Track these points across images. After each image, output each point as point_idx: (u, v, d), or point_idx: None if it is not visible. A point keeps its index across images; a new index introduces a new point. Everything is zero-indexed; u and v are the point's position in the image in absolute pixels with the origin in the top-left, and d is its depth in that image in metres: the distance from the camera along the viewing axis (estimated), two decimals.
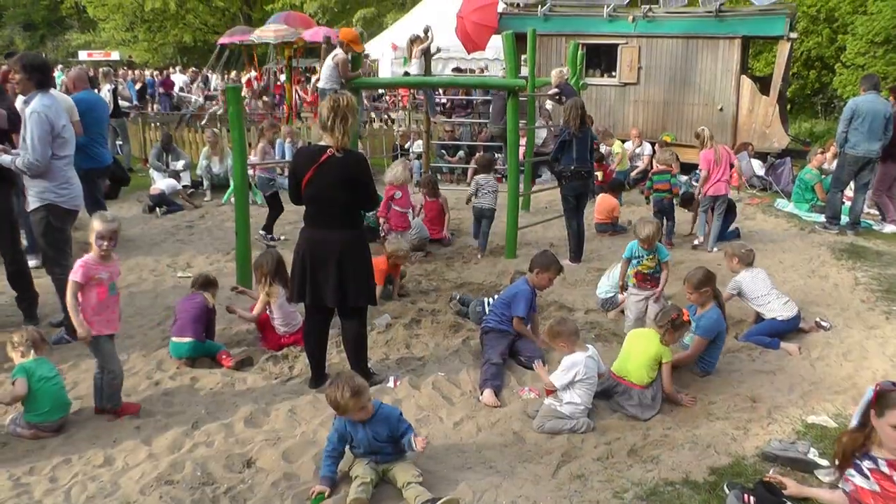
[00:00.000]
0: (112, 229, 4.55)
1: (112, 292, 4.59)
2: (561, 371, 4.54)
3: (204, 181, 12.06)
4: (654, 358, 4.79)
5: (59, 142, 5.58)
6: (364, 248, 4.88)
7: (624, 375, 4.84)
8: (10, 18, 53.60)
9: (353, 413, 3.79)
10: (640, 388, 4.75)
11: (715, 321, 5.31)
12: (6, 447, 4.30)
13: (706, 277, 5.44)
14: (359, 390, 3.76)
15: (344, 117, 4.57)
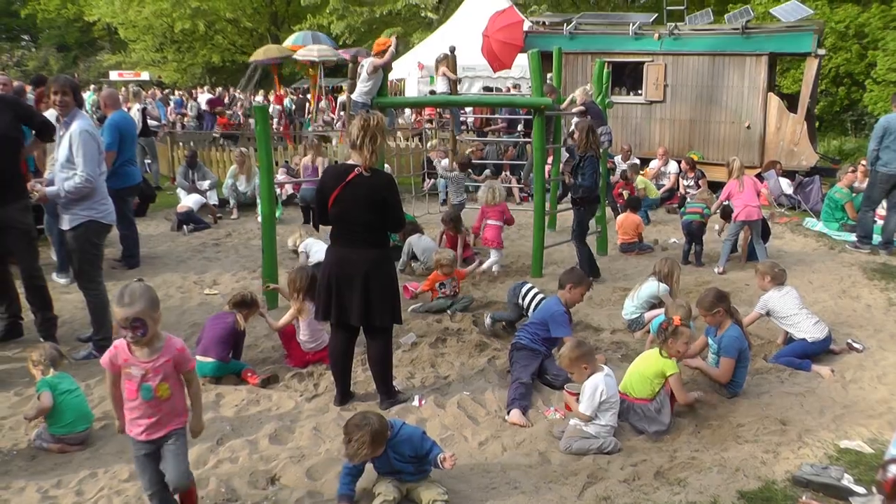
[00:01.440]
0: (130, 315, 3.15)
1: (145, 396, 3.31)
2: (587, 398, 4.47)
3: (230, 200, 12.17)
4: (656, 372, 4.73)
5: (99, 158, 5.74)
6: (390, 267, 4.88)
7: (628, 392, 4.81)
8: (45, 40, 54.76)
9: (369, 456, 3.80)
10: (641, 402, 4.70)
11: (736, 338, 5.22)
12: (35, 461, 4.37)
13: (717, 298, 5.37)
14: (377, 437, 3.74)
15: (373, 136, 4.59)
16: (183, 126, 21.02)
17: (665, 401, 4.71)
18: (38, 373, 4.63)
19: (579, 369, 4.57)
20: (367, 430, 3.69)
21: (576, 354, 4.57)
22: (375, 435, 3.70)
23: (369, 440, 3.68)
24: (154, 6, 36.96)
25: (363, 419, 3.77)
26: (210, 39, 41.08)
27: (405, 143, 16.32)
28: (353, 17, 31.48)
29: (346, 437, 3.76)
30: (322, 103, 20.32)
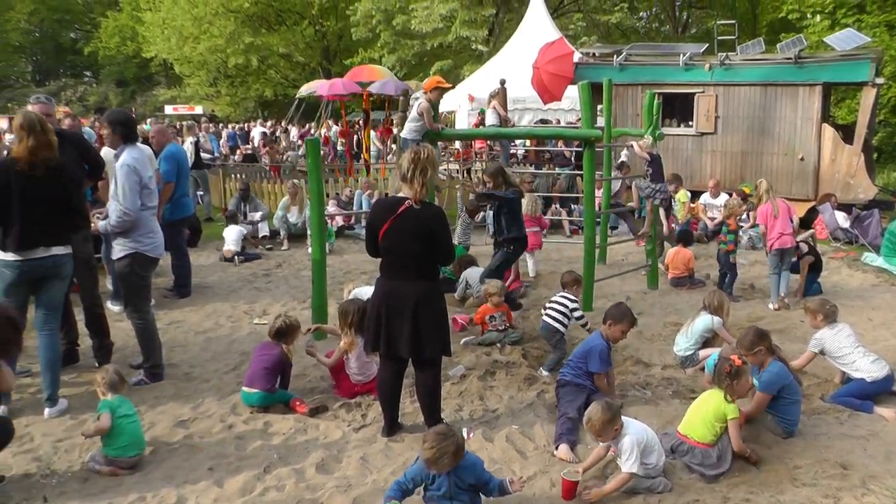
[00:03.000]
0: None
1: None
2: (626, 459, 4.28)
3: (281, 231, 12.34)
4: (717, 416, 4.58)
5: (146, 192, 5.86)
6: (440, 299, 4.88)
7: (688, 434, 4.66)
8: (105, 76, 56.87)
9: (443, 469, 3.81)
10: (703, 447, 4.56)
11: (776, 374, 5.06)
12: (87, 483, 4.49)
13: (757, 337, 5.22)
14: (458, 453, 3.79)
15: (423, 169, 4.63)
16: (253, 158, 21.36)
17: (727, 446, 4.57)
18: (99, 393, 4.79)
19: (609, 432, 4.33)
20: (453, 441, 3.75)
21: (607, 418, 4.29)
22: (459, 448, 3.76)
23: (453, 450, 3.73)
24: (209, 42, 37.94)
25: (449, 429, 3.85)
26: (263, 74, 41.89)
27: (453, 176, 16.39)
28: (403, 51, 31.88)
29: (429, 443, 3.77)
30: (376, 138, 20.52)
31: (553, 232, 13.04)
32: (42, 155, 5.14)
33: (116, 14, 52.66)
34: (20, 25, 58.32)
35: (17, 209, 5.14)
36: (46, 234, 5.27)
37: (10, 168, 5.15)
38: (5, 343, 4.30)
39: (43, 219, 5.23)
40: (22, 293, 5.32)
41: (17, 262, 5.21)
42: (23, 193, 5.14)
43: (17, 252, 5.19)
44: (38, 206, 5.19)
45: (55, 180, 5.28)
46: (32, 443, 5.01)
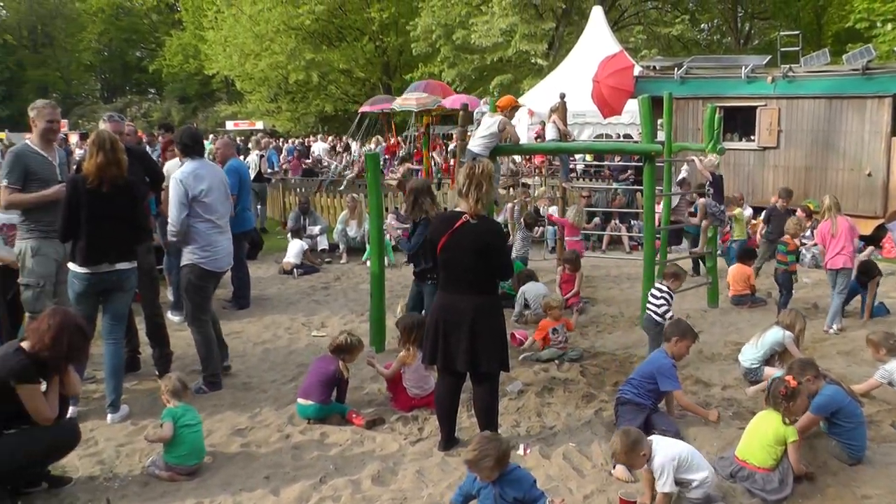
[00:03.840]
0: None
1: None
2: (659, 479, 4.15)
3: (340, 245, 12.46)
4: (777, 439, 4.45)
5: (200, 206, 5.99)
6: (498, 313, 4.86)
7: (746, 458, 4.53)
8: (168, 93, 58.54)
9: (484, 475, 3.79)
10: (763, 472, 4.42)
11: (829, 397, 4.89)
12: (147, 487, 4.62)
13: (804, 366, 5.05)
14: (502, 458, 3.78)
15: (479, 184, 4.67)
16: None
17: (788, 470, 4.44)
18: (163, 400, 4.92)
19: (638, 458, 4.19)
20: (496, 445, 3.77)
21: (628, 445, 4.15)
22: (502, 455, 3.77)
23: (496, 454, 3.74)
24: (270, 59, 38.57)
25: (494, 436, 3.88)
26: (323, 89, 42.42)
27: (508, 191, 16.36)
28: (463, 65, 32.01)
29: (472, 445, 3.82)
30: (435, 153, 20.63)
31: (612, 248, 12.91)
32: (110, 173, 5.30)
33: (180, 33, 54.27)
34: (91, 45, 60.78)
35: (85, 224, 5.31)
36: (112, 250, 5.43)
37: (80, 184, 5.31)
38: (75, 350, 4.44)
39: (109, 234, 5.38)
40: (91, 303, 5.48)
41: (86, 274, 5.38)
42: (91, 209, 5.30)
43: (84, 266, 5.36)
44: (105, 222, 5.35)
45: (123, 197, 5.44)
46: (97, 446, 5.17)
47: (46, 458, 4.52)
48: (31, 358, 4.28)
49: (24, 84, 57.91)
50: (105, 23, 60.24)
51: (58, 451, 4.57)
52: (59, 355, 4.34)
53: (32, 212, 5.75)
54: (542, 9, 30.09)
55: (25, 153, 5.88)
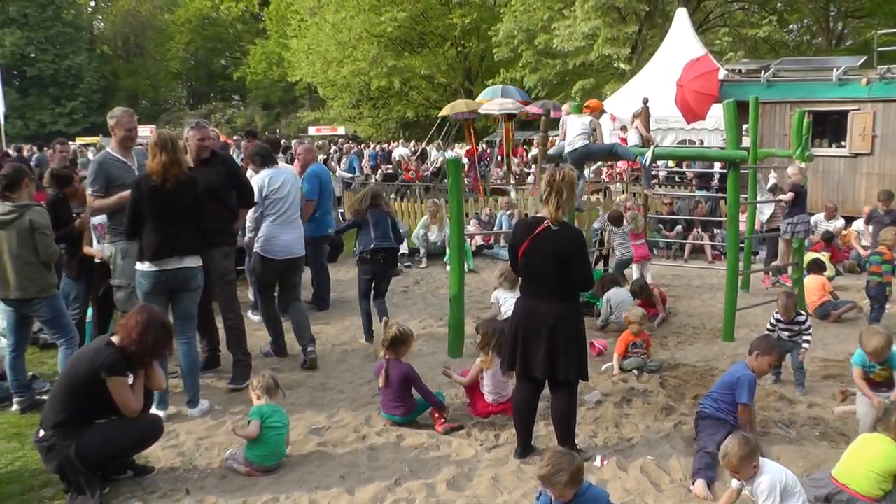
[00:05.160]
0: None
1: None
2: (764, 500, 3.94)
3: (420, 249, 12.54)
4: (889, 470, 4.12)
5: (269, 203, 6.95)
6: (578, 321, 4.82)
7: (847, 482, 4.20)
8: (252, 99, 60.28)
9: (558, 492, 3.71)
10: (868, 501, 4.11)
11: None
12: (224, 480, 4.77)
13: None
14: (576, 475, 3.69)
15: (559, 191, 4.66)
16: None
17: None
18: (254, 398, 5.05)
19: (748, 469, 3.99)
20: (570, 460, 3.70)
21: (745, 453, 3.96)
22: (577, 472, 3.68)
23: (570, 470, 3.66)
24: (352, 66, 39.07)
25: (569, 452, 3.80)
26: (405, 95, 42.81)
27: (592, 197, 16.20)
28: (545, 70, 31.82)
29: (546, 460, 3.75)
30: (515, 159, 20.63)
31: (694, 257, 12.63)
32: (172, 170, 5.46)
33: (264, 42, 55.79)
34: (178, 55, 63.32)
35: (149, 222, 5.51)
36: (178, 246, 5.58)
37: (144, 183, 5.52)
38: (160, 346, 4.64)
39: (174, 231, 5.55)
40: (160, 303, 5.56)
41: (153, 272, 5.56)
42: (155, 206, 5.48)
43: (152, 262, 5.54)
44: (170, 219, 5.52)
45: (186, 194, 5.59)
46: (178, 439, 5.36)
47: (132, 449, 4.74)
48: (119, 352, 4.50)
49: (117, 92, 60.83)
50: (192, 33, 62.71)
51: (142, 442, 4.77)
52: (145, 350, 4.55)
53: (117, 215, 5.94)
54: (625, 12, 29.63)
55: (107, 161, 6.16)
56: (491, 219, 13.87)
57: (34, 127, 53.59)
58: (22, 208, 5.67)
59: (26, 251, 5.64)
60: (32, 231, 5.64)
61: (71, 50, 56.56)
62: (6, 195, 5.69)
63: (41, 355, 7.27)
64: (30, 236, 5.64)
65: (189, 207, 5.63)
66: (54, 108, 55.86)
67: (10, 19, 53.88)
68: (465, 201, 13.10)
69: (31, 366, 6.46)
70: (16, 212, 5.65)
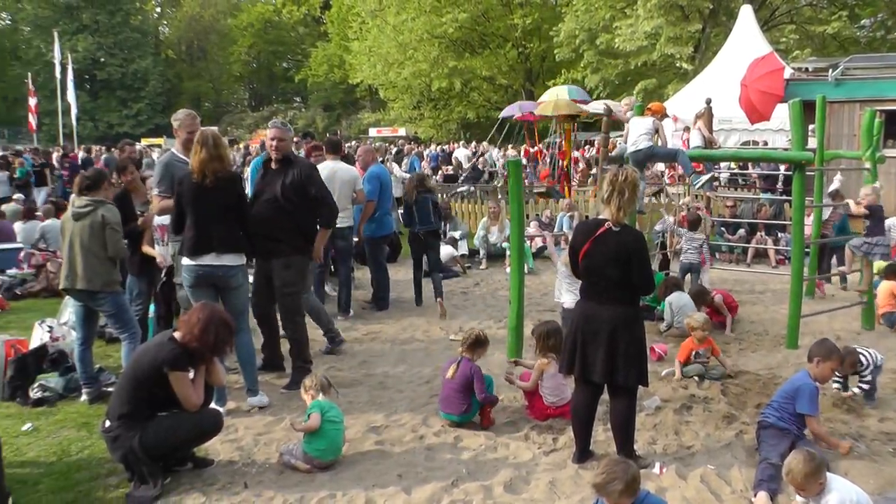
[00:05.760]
0: None
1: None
2: None
3: (480, 250, 12.54)
4: None
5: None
6: (638, 325, 4.77)
7: None
8: (313, 101, 61.19)
9: (613, 501, 3.66)
10: None
11: None
12: (282, 475, 4.85)
13: None
14: (631, 483, 3.63)
15: (621, 191, 4.61)
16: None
17: None
18: (308, 397, 5.12)
19: (813, 486, 3.83)
20: (625, 468, 3.63)
21: (810, 470, 3.79)
22: (632, 480, 3.62)
23: (625, 478, 3.59)
24: (413, 67, 39.30)
25: (625, 460, 3.74)
26: (466, 97, 42.88)
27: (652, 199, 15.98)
28: (607, 70, 31.59)
29: (601, 468, 3.71)
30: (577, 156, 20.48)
31: (757, 261, 12.36)
32: (211, 167, 5.57)
33: (325, 44, 56.54)
34: (241, 58, 64.73)
35: (190, 217, 5.64)
36: (214, 243, 5.67)
37: (185, 179, 5.66)
38: (221, 342, 4.75)
39: (212, 228, 5.65)
40: (209, 297, 5.63)
41: (191, 266, 5.69)
42: (195, 203, 5.61)
43: (191, 257, 5.67)
44: (208, 215, 5.63)
45: (226, 192, 5.68)
46: (237, 434, 5.48)
47: (192, 441, 4.87)
48: (181, 348, 4.64)
49: (181, 94, 62.70)
50: (254, 36, 64.02)
51: (202, 436, 4.90)
52: (206, 347, 4.67)
53: None
54: (688, 10, 29.19)
55: (172, 162, 6.33)
56: (551, 220, 13.81)
57: (103, 128, 55.59)
58: (97, 203, 5.95)
59: (96, 245, 5.89)
60: (104, 226, 5.89)
61: (138, 54, 58.42)
62: (84, 193, 5.99)
63: (107, 349, 7.51)
64: (101, 231, 5.89)
65: (228, 205, 5.70)
66: (121, 110, 57.68)
67: (83, 26, 56.02)
68: (525, 202, 13.06)
69: (97, 359, 6.68)
70: (91, 206, 5.93)
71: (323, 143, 9.03)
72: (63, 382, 6.32)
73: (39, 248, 11.74)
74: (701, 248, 9.49)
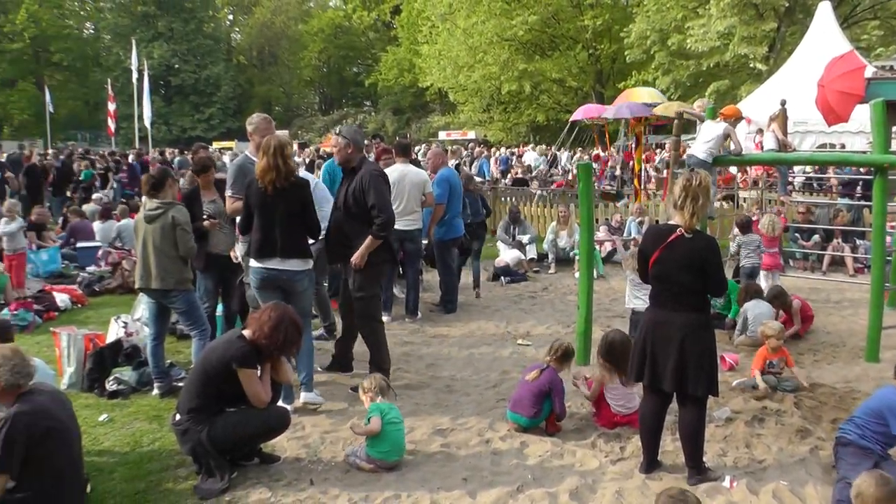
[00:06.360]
0: None
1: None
2: None
3: (549, 254, 12.48)
4: None
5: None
6: (709, 333, 4.68)
7: None
8: (383, 105, 61.80)
9: None
10: None
11: None
12: (348, 474, 4.91)
13: None
14: None
15: (695, 197, 4.52)
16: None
17: None
18: (367, 399, 5.15)
19: None
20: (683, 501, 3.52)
21: (882, 494, 3.49)
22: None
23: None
24: (483, 70, 39.24)
25: (682, 495, 3.58)
26: (535, 99, 42.64)
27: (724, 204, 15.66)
28: (678, 72, 31.03)
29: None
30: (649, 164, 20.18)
31: (833, 269, 11.96)
32: (270, 175, 5.64)
33: (396, 48, 56.97)
34: (311, 63, 65.99)
35: (258, 220, 5.75)
36: (279, 248, 5.74)
37: (253, 184, 5.77)
38: (290, 342, 4.86)
39: (277, 232, 5.72)
40: (275, 298, 5.63)
41: (257, 268, 5.80)
42: (260, 208, 5.72)
43: (257, 259, 5.78)
44: (273, 220, 5.71)
45: (289, 199, 5.74)
46: (303, 431, 5.56)
47: (259, 437, 4.98)
48: (251, 345, 4.75)
49: (252, 99, 64.24)
50: (325, 42, 65.06)
51: (269, 432, 5.00)
52: (275, 346, 4.78)
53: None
54: (762, 8, 28.41)
55: (246, 165, 6.48)
56: (621, 225, 13.66)
57: (176, 132, 57.43)
58: (166, 206, 6.14)
59: (167, 245, 6.09)
60: (174, 227, 6.08)
61: (210, 60, 60.13)
62: (153, 193, 6.19)
63: (178, 345, 7.72)
64: (171, 232, 6.08)
65: (290, 212, 5.77)
66: (194, 114, 59.37)
67: (158, 33, 58.00)
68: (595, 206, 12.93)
69: (168, 354, 6.87)
70: (161, 208, 6.12)
71: (392, 147, 9.10)
72: (136, 376, 6.57)
73: (115, 247, 12.27)
74: (759, 249, 9.32)
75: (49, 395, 4.29)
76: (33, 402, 4.06)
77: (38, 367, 4.84)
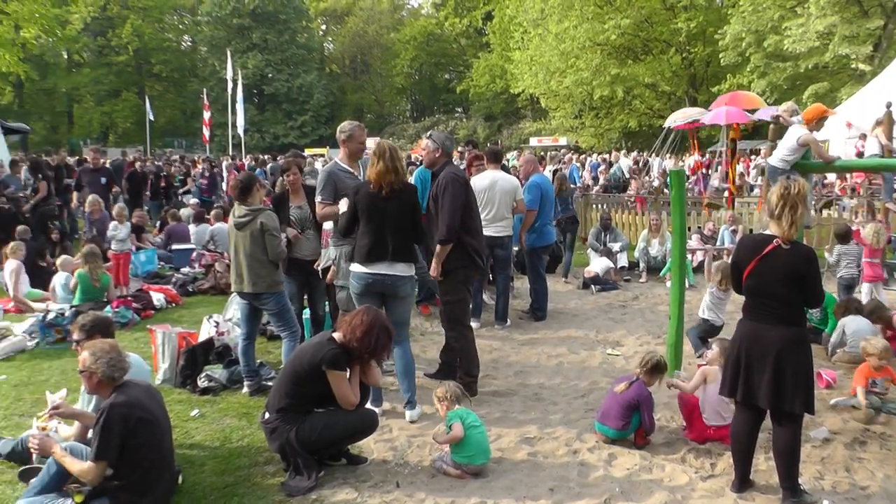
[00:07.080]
0: None
1: None
2: None
3: (640, 263, 12.26)
4: None
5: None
6: (806, 348, 4.50)
7: None
8: (474, 111, 62.14)
9: None
10: None
11: None
12: (434, 479, 4.94)
13: None
14: None
15: (794, 206, 4.37)
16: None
17: None
18: (442, 408, 5.19)
19: None
20: None
21: None
22: None
23: None
24: (575, 76, 38.96)
25: None
26: (628, 104, 42.05)
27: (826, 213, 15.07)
28: (774, 74, 30.07)
29: None
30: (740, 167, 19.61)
31: None
32: (387, 179, 5.70)
33: (487, 55, 57.15)
34: (403, 70, 66.93)
35: (364, 225, 5.81)
36: (388, 252, 5.78)
37: (362, 188, 5.85)
38: (380, 346, 4.94)
39: (386, 237, 5.77)
40: (373, 305, 5.68)
41: (362, 273, 5.83)
42: (369, 211, 5.77)
43: (364, 264, 5.81)
44: (382, 225, 5.76)
45: (400, 203, 5.79)
46: (391, 434, 5.64)
47: (347, 439, 5.08)
48: (341, 348, 4.85)
49: (344, 107, 65.92)
50: (416, 49, 65.84)
51: (357, 434, 5.10)
52: (365, 349, 4.86)
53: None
54: (867, 5, 27.25)
55: (335, 171, 6.62)
56: (714, 233, 13.31)
57: (269, 139, 59.19)
58: (255, 212, 6.30)
59: (258, 250, 6.26)
60: (263, 232, 6.24)
61: (303, 69, 61.69)
62: (242, 199, 6.36)
63: (268, 345, 7.95)
64: (260, 237, 6.25)
65: (402, 216, 5.82)
66: (286, 122, 61.02)
67: (252, 44, 59.86)
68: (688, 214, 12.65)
69: (259, 354, 7.08)
70: (250, 214, 6.28)
71: (484, 153, 9.12)
72: (227, 374, 6.79)
73: (209, 249, 12.81)
74: (859, 259, 8.92)
75: (142, 388, 4.48)
76: (127, 394, 4.26)
77: (135, 362, 5.07)
